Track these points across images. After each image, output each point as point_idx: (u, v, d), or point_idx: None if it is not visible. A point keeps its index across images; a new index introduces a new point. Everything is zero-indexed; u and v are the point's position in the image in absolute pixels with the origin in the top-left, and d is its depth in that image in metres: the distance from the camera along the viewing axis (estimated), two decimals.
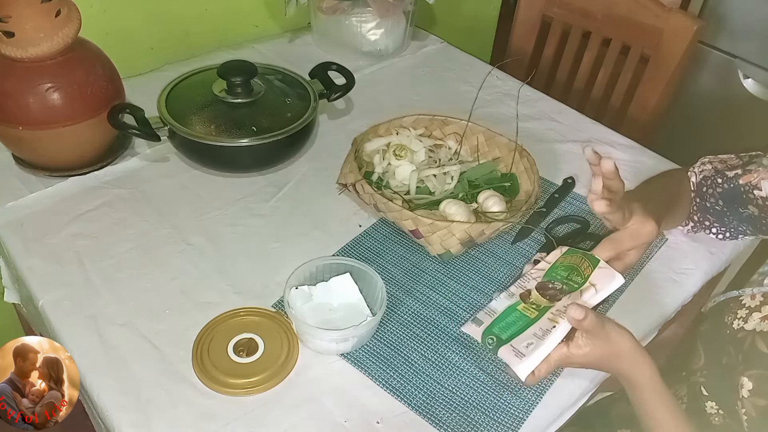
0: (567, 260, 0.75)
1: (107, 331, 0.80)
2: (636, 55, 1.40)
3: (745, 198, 0.85)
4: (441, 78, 1.34)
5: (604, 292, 0.69)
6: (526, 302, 0.72)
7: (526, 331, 0.68)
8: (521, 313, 0.71)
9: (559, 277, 0.73)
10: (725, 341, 0.71)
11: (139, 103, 1.00)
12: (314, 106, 1.04)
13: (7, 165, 1.02)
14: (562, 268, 0.74)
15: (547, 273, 0.75)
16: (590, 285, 0.69)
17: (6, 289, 1.01)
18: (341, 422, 0.73)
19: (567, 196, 1.04)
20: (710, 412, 0.73)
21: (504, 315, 0.72)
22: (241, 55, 1.13)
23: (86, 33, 0.96)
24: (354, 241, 0.94)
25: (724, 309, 0.74)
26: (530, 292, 0.73)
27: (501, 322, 0.71)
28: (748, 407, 0.68)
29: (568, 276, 0.72)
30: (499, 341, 0.69)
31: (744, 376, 0.68)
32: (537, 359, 0.66)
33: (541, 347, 0.65)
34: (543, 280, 0.74)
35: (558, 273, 0.74)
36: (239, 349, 0.78)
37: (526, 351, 0.66)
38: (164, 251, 0.91)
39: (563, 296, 0.70)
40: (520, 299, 0.72)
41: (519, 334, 0.68)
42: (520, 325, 0.69)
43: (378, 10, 1.29)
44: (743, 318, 0.71)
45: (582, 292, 0.69)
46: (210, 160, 1.03)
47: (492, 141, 1.05)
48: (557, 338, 0.66)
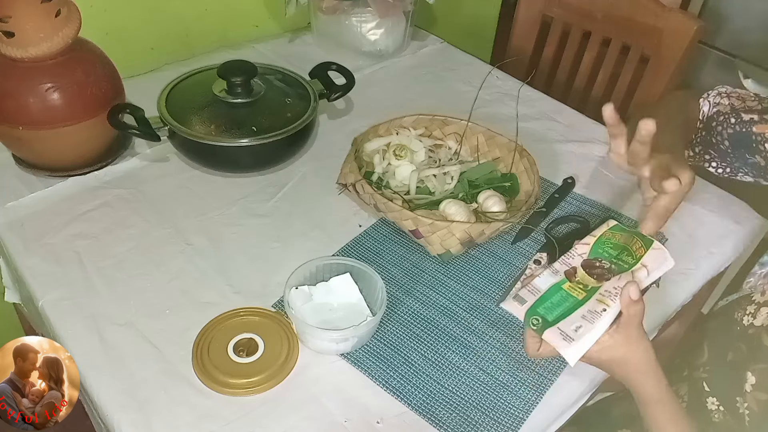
0: (616, 238, 0.71)
1: (107, 331, 0.80)
2: (636, 55, 1.40)
3: (755, 147, 0.80)
4: (441, 78, 1.34)
5: (655, 273, 0.66)
6: (572, 281, 0.68)
7: (574, 313, 0.64)
8: (567, 293, 0.67)
9: (606, 255, 0.69)
10: (735, 338, 0.71)
11: (139, 103, 1.00)
12: (314, 106, 1.04)
13: (7, 165, 1.02)
14: (610, 246, 0.70)
15: (594, 249, 0.70)
16: (642, 266, 0.66)
17: (6, 289, 1.02)
18: (341, 422, 0.73)
19: (567, 196, 1.04)
20: (711, 408, 0.73)
21: (549, 294, 0.68)
22: (241, 55, 1.13)
23: (86, 33, 0.96)
24: (354, 241, 0.94)
25: (734, 306, 0.74)
26: (576, 270, 0.68)
27: (546, 302, 0.67)
28: (750, 401, 0.68)
29: (618, 255, 0.68)
30: (545, 323, 0.65)
31: (748, 370, 0.68)
32: (587, 344, 0.63)
33: (591, 331, 0.62)
34: (590, 257, 0.69)
35: (606, 251, 0.70)
36: (239, 349, 0.78)
37: (575, 335, 0.63)
38: (164, 251, 0.91)
39: (612, 276, 0.67)
40: (565, 277, 0.68)
41: (566, 315, 0.65)
42: (567, 306, 0.66)
43: (378, 10, 1.29)
44: (752, 314, 0.70)
45: (633, 273, 0.66)
46: (210, 160, 1.03)
47: (492, 141, 1.05)
48: (607, 323, 0.63)
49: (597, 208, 1.02)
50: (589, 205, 1.03)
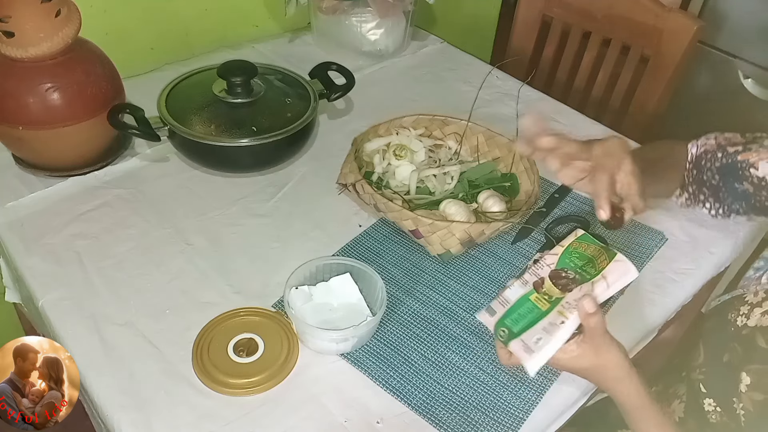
0: (583, 248, 0.73)
1: (107, 331, 0.80)
2: (636, 55, 1.40)
3: (741, 174, 0.84)
4: (441, 78, 1.34)
5: (616, 286, 0.67)
6: (539, 292, 0.70)
7: (536, 325, 0.67)
8: (533, 305, 0.69)
9: (572, 265, 0.71)
10: (730, 339, 0.72)
11: (139, 103, 1.00)
12: (314, 106, 1.04)
13: (7, 165, 1.02)
14: (576, 256, 0.72)
15: (561, 259, 0.72)
16: (602, 277, 0.68)
17: (6, 288, 1.02)
18: (341, 422, 0.73)
19: (567, 196, 1.04)
20: (708, 410, 0.74)
21: (517, 305, 0.70)
22: (241, 55, 1.13)
23: (86, 33, 0.96)
24: (354, 241, 0.94)
25: (727, 307, 0.74)
26: (543, 281, 0.71)
27: (513, 314, 0.69)
28: (745, 402, 0.68)
29: (583, 266, 0.71)
30: (511, 334, 0.67)
31: (743, 371, 0.68)
32: (546, 355, 0.65)
33: (550, 343, 0.64)
34: (557, 267, 0.72)
35: (572, 260, 0.72)
36: (239, 349, 0.78)
37: (536, 347, 0.65)
38: (164, 251, 0.91)
39: (575, 286, 0.69)
40: (533, 288, 0.70)
41: (530, 327, 0.67)
42: (531, 318, 0.68)
43: (378, 10, 1.29)
44: (746, 314, 0.71)
45: (594, 284, 0.68)
46: (210, 160, 1.03)
47: (492, 141, 1.05)
48: (566, 334, 0.65)
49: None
50: (589, 205, 1.03)
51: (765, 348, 0.67)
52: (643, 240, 0.97)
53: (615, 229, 0.77)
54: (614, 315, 0.87)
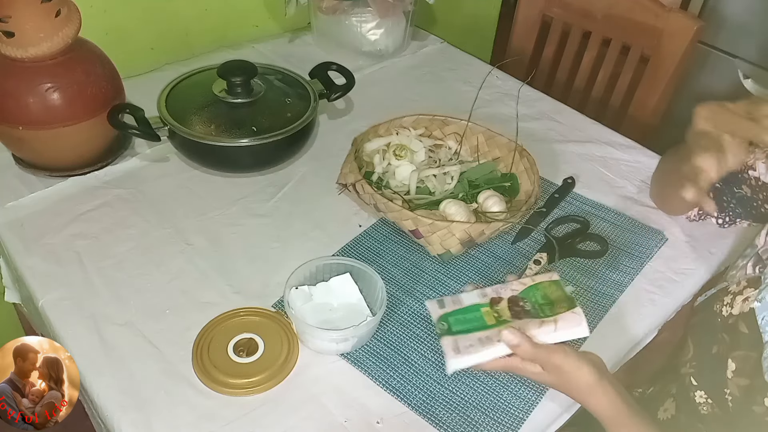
0: (551, 291, 0.73)
1: (107, 331, 0.80)
2: (636, 55, 1.40)
3: (740, 177, 0.85)
4: (441, 78, 1.34)
5: (561, 334, 0.68)
6: (493, 307, 0.72)
7: (474, 333, 0.69)
8: (481, 315, 0.71)
9: (533, 299, 0.72)
10: (718, 330, 0.72)
11: (139, 103, 1.00)
12: (314, 106, 1.04)
13: (7, 165, 1.02)
14: (540, 294, 0.73)
15: (526, 290, 0.74)
16: (553, 321, 0.69)
17: (6, 289, 1.02)
18: (341, 422, 0.73)
19: (567, 196, 1.04)
20: (699, 402, 0.74)
21: (466, 310, 0.72)
22: (241, 55, 1.13)
23: (86, 33, 0.96)
24: (354, 241, 0.94)
25: (713, 300, 0.75)
26: (500, 300, 0.73)
27: (459, 315, 0.71)
28: (732, 388, 0.69)
29: (542, 304, 0.72)
30: (449, 330, 0.70)
31: (729, 358, 0.69)
32: (469, 362, 0.67)
33: (478, 353, 0.67)
34: (519, 294, 0.73)
35: (535, 295, 0.73)
36: (239, 349, 0.78)
37: (464, 350, 0.67)
38: (164, 251, 0.91)
39: (526, 318, 0.70)
40: (489, 302, 0.73)
41: (468, 332, 0.69)
42: (474, 325, 0.70)
43: (378, 10, 1.29)
44: (729, 303, 0.72)
45: (542, 323, 0.68)
46: (210, 160, 1.03)
47: (492, 141, 1.05)
48: (495, 353, 0.66)
49: (597, 208, 1.02)
50: (589, 205, 1.03)
51: (746, 333, 0.68)
52: (643, 240, 0.97)
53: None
54: (614, 316, 0.87)
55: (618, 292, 0.90)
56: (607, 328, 0.85)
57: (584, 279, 0.91)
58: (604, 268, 0.93)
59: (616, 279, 0.91)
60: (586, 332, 0.67)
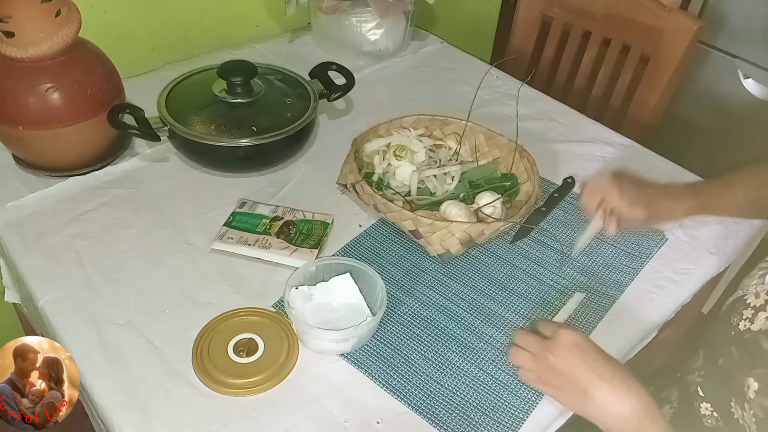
0: (316, 228, 0.93)
1: (107, 331, 0.80)
2: (636, 55, 1.40)
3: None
4: (441, 78, 1.34)
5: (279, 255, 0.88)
6: (272, 222, 0.92)
7: (245, 232, 0.91)
8: (258, 223, 0.92)
9: (301, 228, 0.91)
10: (727, 342, 0.71)
11: (139, 103, 1.00)
12: (314, 106, 1.04)
13: (7, 165, 1.02)
14: (307, 228, 0.92)
15: (302, 221, 0.93)
16: (290, 248, 0.89)
17: (6, 289, 1.01)
18: (341, 422, 0.73)
19: (567, 195, 1.04)
20: (704, 414, 0.73)
21: (253, 215, 0.94)
22: (241, 55, 1.13)
23: (86, 33, 0.96)
24: (354, 241, 0.94)
25: (730, 311, 0.73)
26: (280, 219, 0.93)
27: (246, 216, 0.94)
28: (755, 408, 0.66)
29: (303, 234, 0.90)
30: (229, 222, 0.93)
31: (750, 376, 0.66)
32: (224, 248, 0.88)
33: (233, 245, 0.89)
34: (295, 221, 0.92)
35: (304, 227, 0.92)
36: (239, 349, 0.78)
37: (226, 239, 0.91)
38: (164, 251, 0.91)
39: (281, 238, 0.90)
40: (272, 217, 0.94)
41: (241, 230, 0.92)
42: (245, 226, 0.92)
43: (378, 10, 1.29)
44: (749, 318, 0.69)
45: (288, 247, 0.89)
46: (210, 160, 1.03)
47: (492, 141, 1.05)
48: (248, 251, 0.88)
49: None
50: None
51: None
52: (643, 240, 0.97)
53: None
54: (614, 316, 0.87)
55: (618, 292, 0.90)
56: (607, 328, 0.85)
57: (584, 279, 0.91)
58: (604, 268, 0.93)
59: (616, 279, 0.91)
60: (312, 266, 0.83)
